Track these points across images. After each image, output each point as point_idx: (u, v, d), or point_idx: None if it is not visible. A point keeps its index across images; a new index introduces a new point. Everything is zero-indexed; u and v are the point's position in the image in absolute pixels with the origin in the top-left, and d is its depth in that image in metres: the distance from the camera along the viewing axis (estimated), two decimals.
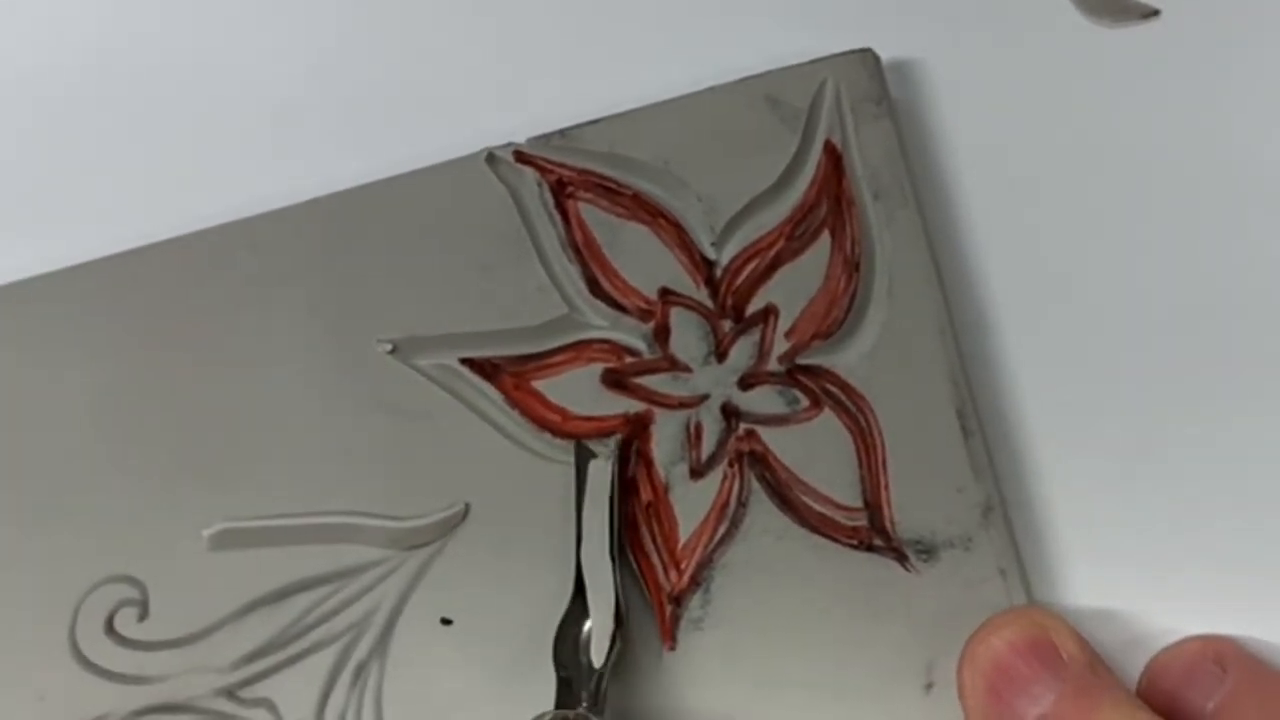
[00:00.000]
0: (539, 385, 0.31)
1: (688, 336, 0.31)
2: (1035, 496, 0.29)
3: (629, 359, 0.31)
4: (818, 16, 0.35)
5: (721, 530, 0.29)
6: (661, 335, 0.31)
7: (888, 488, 0.29)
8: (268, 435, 0.31)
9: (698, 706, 0.28)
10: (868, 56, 0.32)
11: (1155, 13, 0.34)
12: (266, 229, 0.33)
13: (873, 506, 0.29)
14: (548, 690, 0.27)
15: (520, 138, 0.33)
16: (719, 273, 0.31)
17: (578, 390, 0.31)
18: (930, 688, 0.27)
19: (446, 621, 0.29)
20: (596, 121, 0.32)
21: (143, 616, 0.30)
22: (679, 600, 0.29)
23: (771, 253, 0.31)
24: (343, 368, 0.31)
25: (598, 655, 0.27)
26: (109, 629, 0.30)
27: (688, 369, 0.31)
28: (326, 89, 0.36)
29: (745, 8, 0.35)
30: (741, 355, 0.31)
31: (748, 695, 0.28)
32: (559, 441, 0.30)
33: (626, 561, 0.29)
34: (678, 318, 0.31)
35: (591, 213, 0.32)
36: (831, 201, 0.31)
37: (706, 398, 0.30)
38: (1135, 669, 0.27)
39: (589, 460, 0.29)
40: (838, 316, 0.30)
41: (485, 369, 0.31)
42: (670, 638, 0.28)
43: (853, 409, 0.30)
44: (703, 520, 0.29)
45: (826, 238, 0.31)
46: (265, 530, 0.30)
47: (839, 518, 0.29)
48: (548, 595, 0.28)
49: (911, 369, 0.30)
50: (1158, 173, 0.32)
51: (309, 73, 0.36)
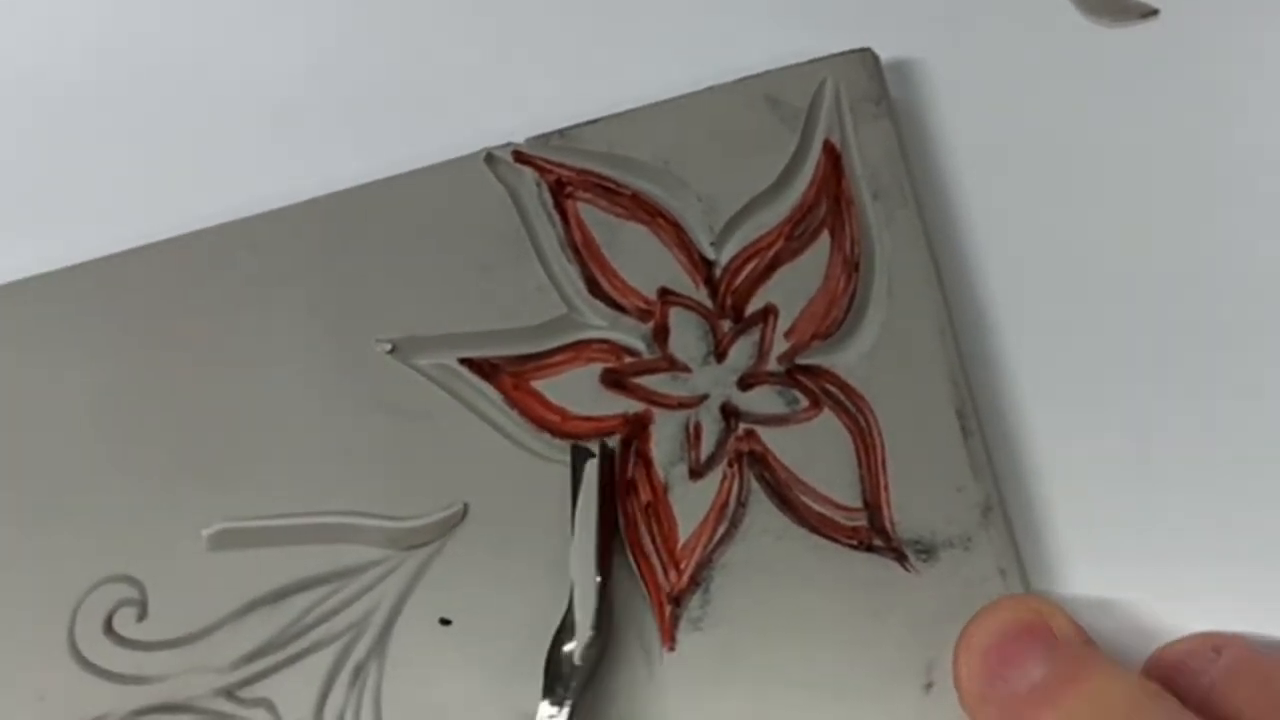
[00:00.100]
0: (538, 385, 0.31)
1: (687, 336, 0.31)
2: (1035, 496, 0.29)
3: (628, 359, 0.31)
4: (817, 16, 0.35)
5: (721, 530, 0.29)
6: (661, 335, 0.31)
7: (887, 488, 0.29)
8: (267, 435, 0.31)
9: (697, 707, 0.28)
10: (867, 56, 0.32)
11: (1154, 12, 0.34)
12: (266, 229, 0.33)
13: (872, 506, 0.29)
14: None
15: (519, 138, 0.33)
16: (718, 272, 0.31)
17: (577, 390, 0.31)
18: (930, 687, 0.27)
19: (445, 622, 0.29)
20: (595, 121, 0.32)
21: (142, 616, 0.30)
22: (678, 600, 0.29)
23: (771, 253, 0.31)
24: (342, 368, 0.31)
25: (575, 653, 0.27)
26: (108, 629, 0.30)
27: (687, 369, 0.31)
28: (326, 89, 0.36)
29: (745, 8, 0.35)
30: (741, 355, 0.30)
31: (747, 695, 0.28)
32: (558, 441, 0.30)
33: (625, 561, 0.29)
34: (677, 318, 0.31)
35: (590, 213, 0.32)
36: (831, 201, 0.31)
37: (706, 398, 0.30)
38: (1134, 667, 0.27)
39: (585, 461, 0.29)
40: (837, 316, 0.30)
41: (484, 369, 0.31)
42: (670, 638, 0.28)
43: (852, 409, 0.30)
44: (702, 520, 0.29)
45: (826, 238, 0.31)
46: (264, 530, 0.30)
47: (839, 518, 0.29)
48: (547, 595, 0.28)
49: (911, 369, 0.30)
50: (1157, 172, 0.32)
51: (309, 73, 0.36)
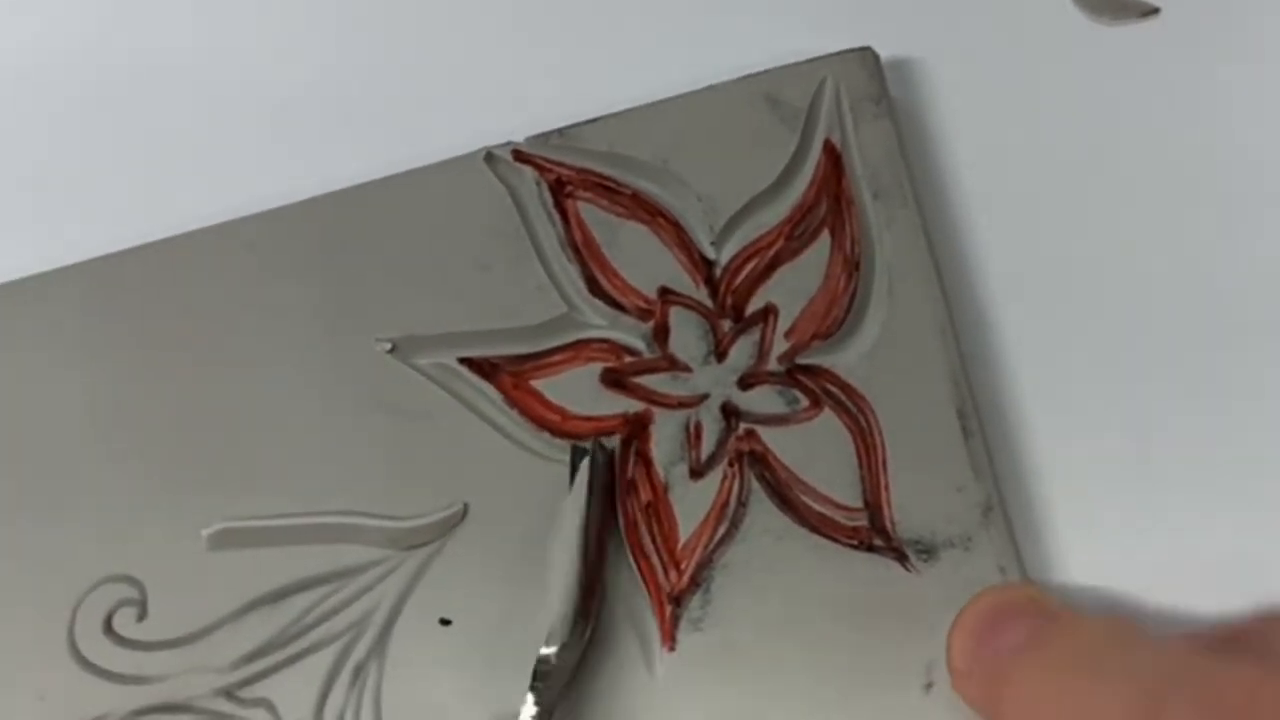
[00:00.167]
0: (538, 385, 0.31)
1: (687, 336, 0.31)
2: (1035, 496, 0.29)
3: (628, 358, 0.31)
4: (817, 16, 0.35)
5: (721, 530, 0.29)
6: (661, 335, 0.31)
7: (888, 488, 0.29)
8: (267, 435, 0.31)
9: (697, 707, 0.28)
10: (867, 56, 0.32)
11: (1155, 11, 0.34)
12: (266, 229, 0.33)
13: (873, 506, 0.29)
14: None
15: (519, 137, 0.33)
16: (718, 272, 0.31)
17: (577, 390, 0.30)
18: (930, 687, 0.27)
19: (445, 622, 0.29)
20: (595, 120, 0.32)
21: (141, 616, 0.30)
22: (679, 600, 0.28)
23: (771, 252, 0.31)
24: (342, 368, 0.31)
25: (551, 654, 0.27)
26: (108, 629, 0.30)
27: (687, 368, 0.31)
28: (326, 89, 0.36)
29: (745, 7, 0.35)
30: (741, 355, 0.30)
31: (747, 695, 0.28)
32: (558, 441, 0.30)
33: (625, 561, 0.29)
34: (677, 317, 0.31)
35: (591, 212, 0.32)
36: (831, 201, 0.31)
37: (706, 397, 0.30)
38: None
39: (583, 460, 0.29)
40: (837, 316, 0.30)
41: (484, 368, 0.31)
42: (670, 638, 0.28)
43: (853, 409, 0.30)
44: (702, 520, 0.29)
45: (826, 237, 0.31)
46: (264, 530, 0.30)
47: (839, 518, 0.29)
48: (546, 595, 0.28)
49: (911, 369, 0.30)
50: (1158, 171, 0.32)
51: (309, 73, 0.36)
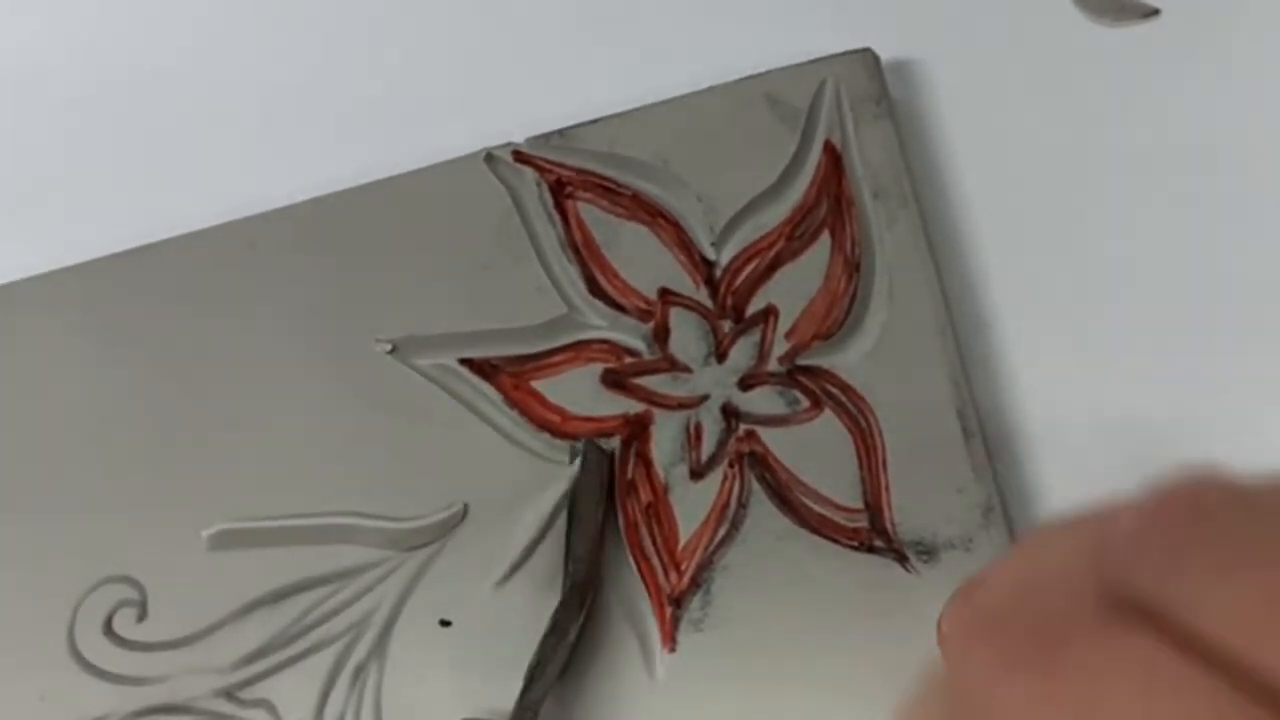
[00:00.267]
0: (538, 385, 0.31)
1: (687, 337, 0.31)
2: (1035, 496, 0.29)
3: (628, 359, 0.31)
4: (818, 16, 0.35)
5: (722, 532, 0.29)
6: (661, 335, 0.31)
7: (888, 488, 0.29)
8: (267, 435, 0.31)
9: (697, 707, 0.28)
10: (867, 56, 0.32)
11: (1155, 12, 0.34)
12: (266, 229, 0.33)
13: (873, 507, 0.29)
14: None
15: (519, 137, 0.33)
16: (719, 273, 0.31)
17: (577, 390, 0.30)
18: None
19: (445, 623, 0.29)
20: (596, 121, 0.32)
21: (141, 617, 0.30)
22: (679, 601, 0.28)
23: (771, 253, 0.31)
24: (342, 367, 0.31)
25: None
26: (108, 629, 0.30)
27: (687, 369, 0.30)
28: (326, 89, 0.36)
29: (745, 8, 0.35)
30: (741, 356, 0.30)
31: (747, 696, 0.28)
32: (558, 442, 0.30)
33: (625, 562, 0.29)
34: (677, 318, 0.31)
35: (591, 212, 0.32)
36: (831, 202, 0.31)
37: (706, 398, 0.30)
38: None
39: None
40: (838, 317, 0.30)
41: (484, 369, 0.31)
42: (670, 639, 0.28)
43: (853, 410, 0.29)
44: (703, 521, 0.29)
45: (826, 238, 0.31)
46: (264, 531, 0.30)
47: (839, 519, 0.29)
48: (547, 596, 0.28)
49: (911, 369, 0.30)
50: (1158, 171, 0.32)
51: (308, 73, 0.36)
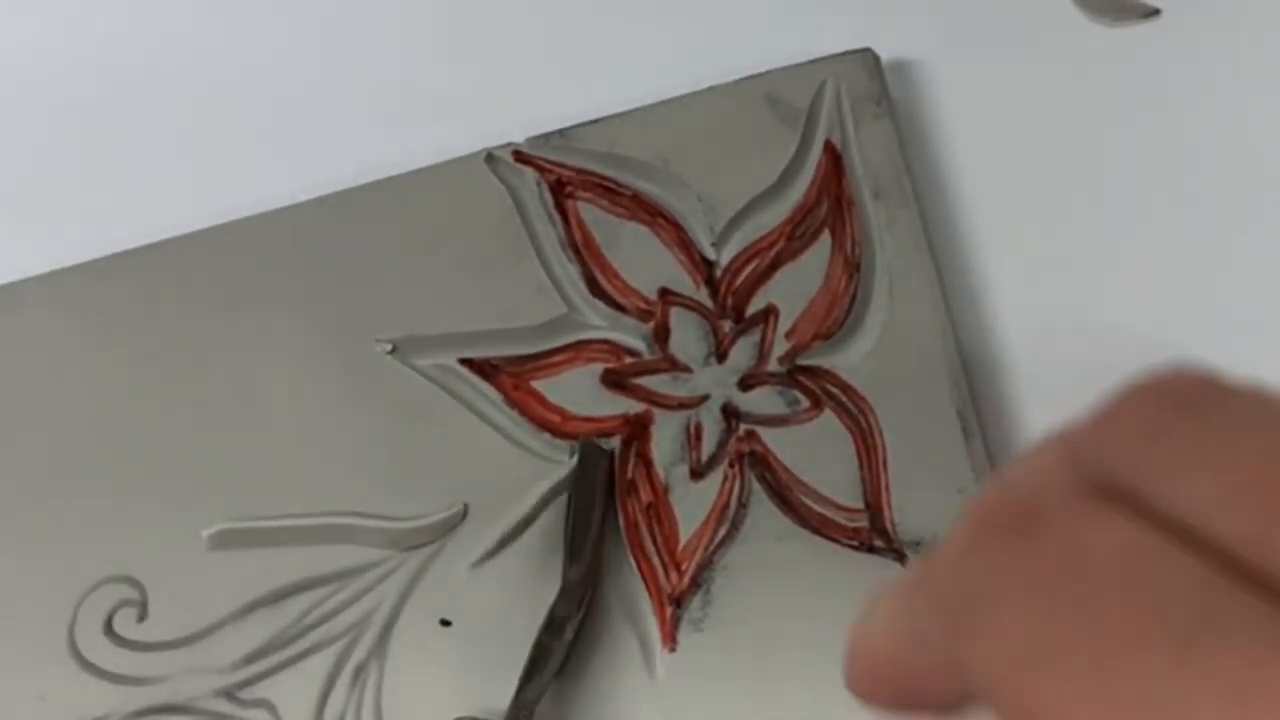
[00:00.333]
0: (538, 385, 0.31)
1: (687, 337, 0.31)
2: None
3: (628, 359, 0.31)
4: (818, 16, 0.35)
5: (722, 531, 0.29)
6: (661, 335, 0.31)
7: (888, 488, 0.29)
8: (267, 435, 0.31)
9: (697, 707, 0.28)
10: (868, 56, 0.32)
11: (1156, 12, 0.33)
12: (266, 229, 0.33)
13: (873, 507, 0.29)
14: None
15: (519, 138, 0.33)
16: (719, 273, 0.31)
17: (577, 390, 0.30)
18: None
19: (445, 622, 0.29)
20: (596, 121, 0.32)
21: (142, 617, 0.30)
22: (679, 601, 0.28)
23: (771, 253, 0.31)
24: (342, 368, 0.31)
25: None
26: (108, 629, 0.30)
27: (688, 369, 0.30)
28: (327, 89, 0.36)
29: (745, 8, 0.35)
30: (742, 356, 0.30)
31: (748, 696, 0.28)
32: (558, 441, 0.30)
33: (626, 561, 0.29)
34: (677, 318, 0.31)
35: (591, 212, 0.32)
36: (831, 201, 0.31)
37: (706, 398, 0.30)
38: None
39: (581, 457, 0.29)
40: (838, 317, 0.30)
41: (484, 369, 0.31)
42: (670, 639, 0.28)
43: (853, 410, 0.29)
44: (703, 521, 0.29)
45: (827, 238, 0.31)
46: (264, 531, 0.30)
47: (839, 519, 0.29)
48: (547, 595, 0.28)
49: (912, 369, 0.29)
50: (1158, 171, 0.32)
51: (309, 73, 0.36)
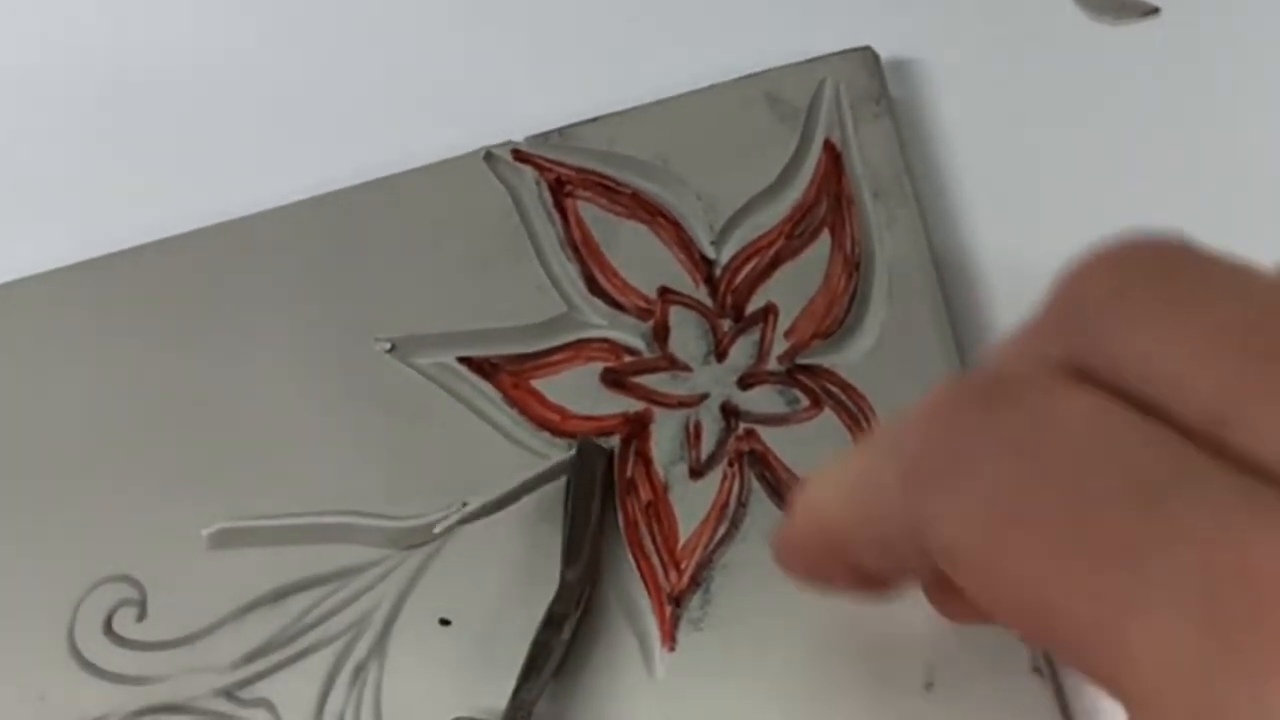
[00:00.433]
0: (538, 384, 0.31)
1: (687, 335, 0.31)
2: None
3: (628, 358, 0.31)
4: (817, 15, 0.35)
5: (721, 530, 0.29)
6: (661, 334, 0.31)
7: None
8: (266, 435, 0.31)
9: (697, 707, 0.28)
10: (867, 55, 0.32)
11: (1155, 11, 0.34)
12: (266, 229, 0.33)
13: None
14: None
15: (519, 136, 0.33)
16: (718, 271, 0.31)
17: (577, 389, 0.30)
18: (930, 688, 0.27)
19: (445, 622, 0.29)
20: (595, 120, 0.32)
21: (141, 616, 0.30)
22: (679, 600, 0.28)
23: (771, 252, 0.31)
24: (341, 367, 0.31)
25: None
26: (107, 629, 0.30)
27: (687, 368, 0.30)
28: (326, 89, 0.36)
29: (745, 6, 0.35)
30: (741, 354, 0.30)
31: (747, 695, 0.28)
32: (558, 441, 0.30)
33: (625, 561, 0.29)
34: (677, 317, 0.31)
35: (590, 211, 0.32)
36: (831, 200, 0.31)
37: (706, 397, 0.30)
38: None
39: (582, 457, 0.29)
40: (838, 316, 0.30)
41: (484, 368, 0.31)
42: (670, 638, 0.28)
43: (853, 409, 0.29)
44: (703, 520, 0.29)
45: (826, 237, 0.31)
46: (264, 530, 0.30)
47: None
48: (547, 595, 0.28)
49: (912, 369, 0.29)
50: (1158, 171, 0.32)
51: (308, 73, 0.36)
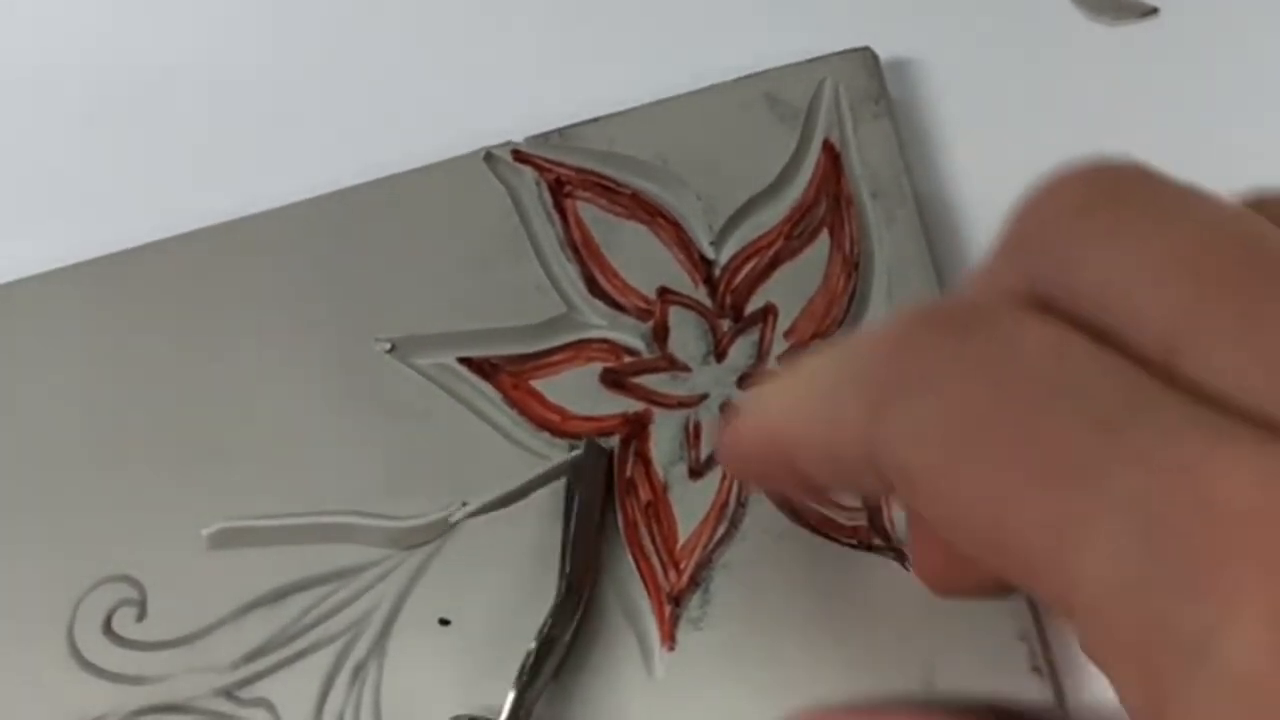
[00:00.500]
0: (537, 384, 0.31)
1: (686, 336, 0.31)
2: None
3: (628, 358, 0.31)
4: (817, 16, 0.35)
5: (721, 530, 0.29)
6: (660, 334, 0.31)
7: None
8: (266, 435, 0.31)
9: (697, 707, 0.28)
10: (867, 55, 0.32)
11: (1154, 11, 0.34)
12: (266, 229, 0.33)
13: (872, 506, 0.29)
14: None
15: (518, 137, 0.33)
16: (718, 272, 0.31)
17: (576, 390, 0.30)
18: (930, 687, 0.27)
19: (445, 622, 0.29)
20: (595, 120, 0.32)
21: (141, 616, 0.30)
22: (678, 600, 0.28)
23: (770, 252, 0.31)
24: (341, 367, 0.31)
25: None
26: (107, 629, 0.30)
27: (687, 368, 0.30)
28: (326, 89, 0.36)
29: (745, 7, 0.35)
30: (741, 354, 0.30)
31: (747, 695, 0.28)
32: (558, 441, 0.30)
33: (625, 561, 0.29)
34: (676, 317, 0.31)
35: (590, 212, 0.32)
36: (830, 200, 0.31)
37: (706, 397, 0.30)
38: None
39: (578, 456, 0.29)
40: (837, 316, 0.30)
41: (484, 368, 0.31)
42: (669, 638, 0.28)
43: None
44: (702, 520, 0.29)
45: (825, 237, 0.31)
46: (264, 530, 0.30)
47: (839, 517, 0.29)
48: (547, 595, 0.28)
49: None
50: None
51: (308, 73, 0.36)
